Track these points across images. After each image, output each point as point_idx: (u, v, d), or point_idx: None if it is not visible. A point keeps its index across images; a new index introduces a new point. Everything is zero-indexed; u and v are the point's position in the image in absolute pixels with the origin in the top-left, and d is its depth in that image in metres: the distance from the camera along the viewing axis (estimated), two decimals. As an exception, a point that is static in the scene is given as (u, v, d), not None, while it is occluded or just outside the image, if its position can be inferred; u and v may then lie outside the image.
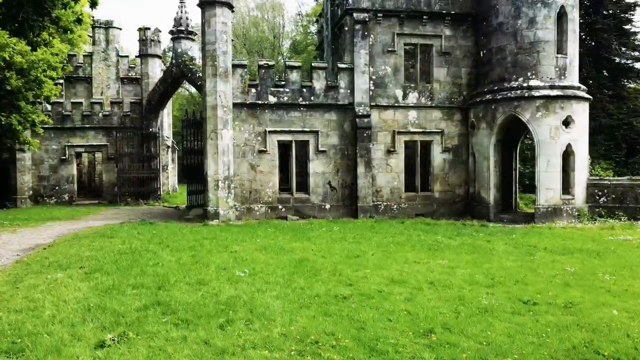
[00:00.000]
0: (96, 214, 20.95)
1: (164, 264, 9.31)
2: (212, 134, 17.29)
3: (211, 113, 17.29)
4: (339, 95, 18.69)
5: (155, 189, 27.11)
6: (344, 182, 18.84)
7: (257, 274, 8.62)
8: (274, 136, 18.33)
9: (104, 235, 13.40)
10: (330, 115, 18.69)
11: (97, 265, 9.17)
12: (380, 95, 19.01)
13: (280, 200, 18.46)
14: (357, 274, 8.78)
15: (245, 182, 18.19)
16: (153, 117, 27.24)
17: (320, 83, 18.56)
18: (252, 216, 18.03)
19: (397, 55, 19.08)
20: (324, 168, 18.69)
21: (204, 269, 9.00)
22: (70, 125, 26.62)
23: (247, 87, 18.08)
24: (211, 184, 17.25)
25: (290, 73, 18.39)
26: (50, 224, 17.04)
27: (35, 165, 26.39)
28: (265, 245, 11.55)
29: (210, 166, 17.28)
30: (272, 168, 18.37)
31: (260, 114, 18.24)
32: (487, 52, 18.29)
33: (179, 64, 24.86)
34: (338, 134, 18.77)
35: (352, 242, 12.40)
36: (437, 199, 19.46)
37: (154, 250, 10.84)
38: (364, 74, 18.62)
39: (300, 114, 18.48)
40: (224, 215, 17.16)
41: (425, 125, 19.33)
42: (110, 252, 10.65)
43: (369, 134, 18.48)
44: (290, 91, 18.36)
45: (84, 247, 11.37)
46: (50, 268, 9.06)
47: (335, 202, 18.77)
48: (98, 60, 31.48)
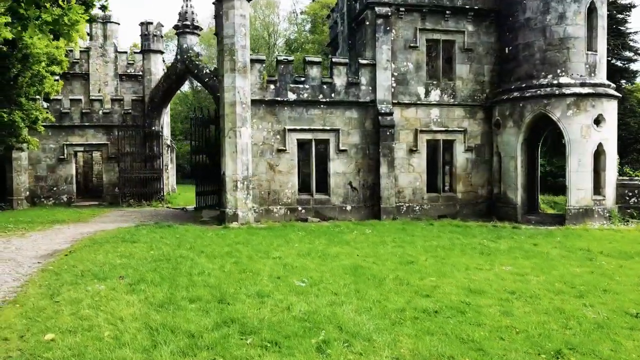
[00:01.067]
0: (102, 216, 19.94)
1: (210, 273, 8.50)
2: (231, 132, 16.45)
3: (229, 110, 16.45)
4: (360, 92, 17.97)
5: (158, 190, 26.11)
6: (365, 183, 18.13)
7: (318, 284, 7.86)
8: (294, 135, 17.54)
9: (124, 239, 12.50)
10: (351, 112, 17.97)
11: (137, 274, 8.32)
12: (402, 92, 18.35)
13: (300, 201, 17.68)
14: (424, 283, 8.07)
15: (264, 182, 17.38)
16: (156, 115, 26.22)
17: (340, 79, 17.83)
18: (271, 218, 17.23)
19: (419, 51, 18.44)
20: (345, 168, 17.96)
21: (256, 278, 8.21)
22: (68, 123, 25.49)
23: (266, 83, 17.27)
24: (229, 185, 16.41)
25: (310, 69, 17.62)
26: (58, 227, 16.05)
27: (32, 165, 25.22)
28: (306, 251, 10.78)
29: (229, 166, 16.44)
30: (292, 168, 17.58)
31: (279, 111, 17.44)
32: (513, 49, 17.73)
33: (184, 59, 23.92)
34: (359, 132, 18.05)
35: (394, 246, 11.69)
36: (459, 199, 18.86)
37: (190, 257, 10.00)
38: (386, 70, 17.93)
39: (320, 111, 17.73)
40: (242, 218, 16.33)
41: (448, 124, 18.72)
42: (143, 259, 9.79)
43: (391, 133, 17.79)
44: (310, 87, 17.60)
45: (111, 253, 10.48)
46: (85, 278, 8.19)
47: (357, 203, 18.06)
48: (95, 56, 30.36)
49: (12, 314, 6.42)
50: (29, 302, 6.94)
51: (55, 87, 20.16)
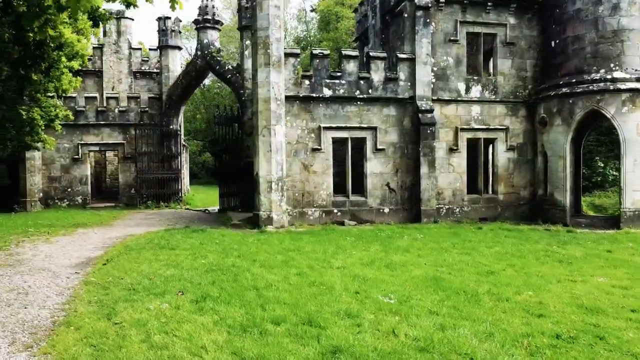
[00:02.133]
0: (123, 218, 18.98)
1: (278, 287, 7.54)
2: (265, 130, 15.49)
3: (263, 107, 15.49)
4: (399, 88, 17.02)
5: (176, 191, 25.17)
6: (403, 184, 17.17)
7: (407, 300, 6.91)
8: (329, 133, 16.59)
9: (160, 245, 11.55)
10: (389, 109, 17.02)
11: (198, 289, 7.37)
12: (442, 88, 17.40)
13: (335, 203, 16.72)
14: (524, 299, 7.12)
15: (298, 183, 16.42)
16: (173, 113, 25.29)
17: (378, 75, 16.87)
18: (305, 221, 16.28)
19: (459, 45, 17.49)
20: (382, 168, 17.00)
21: (332, 293, 7.25)
22: (83, 121, 24.55)
23: (300, 79, 16.31)
24: (263, 186, 15.45)
25: (346, 63, 16.66)
26: (82, 231, 15.09)
27: (45, 165, 24.28)
28: (368, 260, 9.82)
29: (262, 166, 15.49)
30: (327, 168, 16.62)
31: (313, 108, 16.49)
32: (561, 42, 16.77)
33: (205, 55, 22.99)
34: (397, 130, 17.10)
35: (458, 253, 10.73)
36: (501, 201, 17.90)
37: (244, 267, 9.04)
38: (425, 65, 16.98)
39: (357, 108, 16.77)
40: (277, 221, 15.38)
41: (489, 122, 17.77)
42: (194, 269, 8.83)
43: (432, 131, 16.84)
44: (347, 83, 16.64)
45: (154, 262, 9.53)
46: (139, 293, 7.24)
47: (394, 205, 17.10)
48: (109, 52, 29.39)
49: (70, 339, 5.46)
50: (85, 323, 5.98)
51: (73, 84, 19.15)
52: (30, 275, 8.84)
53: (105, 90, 28.72)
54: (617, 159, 24.72)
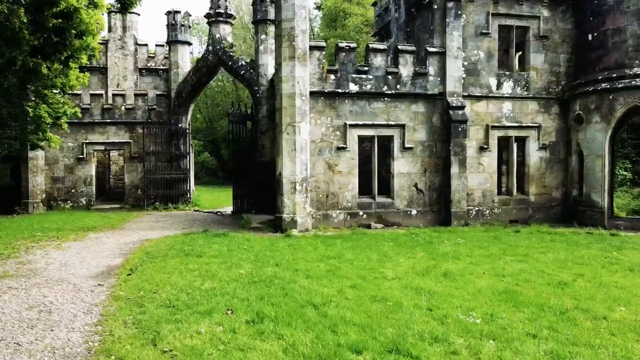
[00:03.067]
0: (133, 221, 17.99)
1: (337, 303, 6.62)
2: (289, 127, 14.56)
3: (288, 103, 14.56)
4: (428, 83, 16.11)
5: (184, 192, 24.20)
6: (432, 184, 16.27)
7: (493, 320, 6.00)
8: (355, 131, 15.67)
9: (185, 252, 10.60)
10: (417, 106, 16.11)
11: (248, 306, 6.43)
12: (473, 84, 16.50)
13: (361, 205, 15.80)
14: (621, 316, 6.23)
15: (322, 184, 15.50)
16: (182, 111, 24.32)
17: (407, 69, 15.96)
18: (330, 224, 15.35)
19: (490, 39, 16.59)
20: (410, 168, 16.09)
21: (402, 311, 6.33)
22: (88, 119, 23.56)
23: (326, 73, 15.38)
24: (287, 187, 14.52)
25: (373, 57, 15.74)
26: (93, 235, 14.11)
27: (48, 165, 23.28)
28: (421, 269, 8.90)
29: (286, 166, 14.55)
30: (352, 168, 15.70)
31: (339, 104, 15.56)
32: (600, 35, 15.90)
33: (217, 50, 22.02)
34: (425, 128, 16.19)
35: (513, 260, 9.82)
36: (532, 202, 17.01)
37: (287, 277, 8.11)
38: (456, 59, 16.08)
39: (384, 105, 15.86)
40: (301, 224, 14.45)
41: (521, 119, 16.88)
42: (232, 280, 7.90)
43: (464, 129, 15.94)
44: (374, 78, 15.73)
45: (185, 272, 8.58)
46: (181, 311, 6.30)
47: (422, 207, 16.19)
48: (114, 48, 28.34)
49: (114, 374, 4.53)
50: (128, 352, 5.04)
51: (81, 80, 18.15)
52: (48, 289, 7.88)
53: (110, 87, 27.70)
54: (626, 158, 24.26)
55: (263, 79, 20.62)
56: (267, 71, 20.63)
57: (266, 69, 20.65)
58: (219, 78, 49.63)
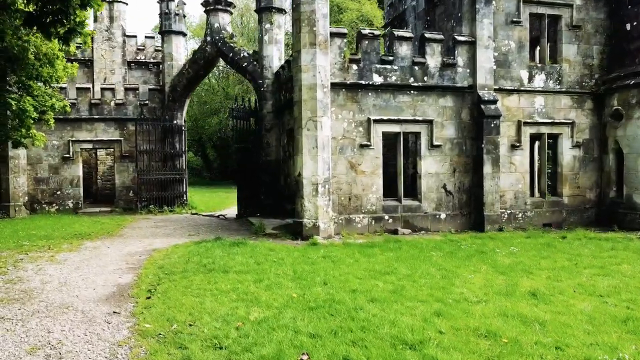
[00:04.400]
0: (129, 227, 16.28)
1: (436, 341, 5.16)
2: (310, 122, 13.06)
3: (308, 95, 13.06)
4: (457, 75, 14.78)
5: (180, 194, 22.49)
6: (461, 185, 14.95)
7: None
8: (379, 126, 14.25)
9: (206, 266, 9.05)
10: (445, 100, 14.77)
11: (322, 347, 4.94)
12: (503, 76, 15.23)
13: (386, 208, 14.38)
14: None
15: (343, 185, 14.04)
16: (177, 106, 22.59)
17: (434, 60, 14.60)
18: (353, 229, 13.90)
19: (521, 28, 15.34)
20: (438, 167, 14.75)
21: (525, 350, 4.92)
22: (75, 115, 21.68)
23: (348, 63, 13.92)
24: (307, 189, 13.03)
25: (398, 46, 14.34)
26: (90, 244, 12.41)
27: (31, 165, 21.35)
28: (499, 287, 7.51)
29: (307, 165, 13.06)
30: (376, 167, 14.28)
31: (362, 97, 14.13)
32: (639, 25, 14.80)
33: (216, 41, 20.39)
34: (454, 124, 14.86)
35: (594, 274, 8.49)
36: (565, 205, 15.82)
37: (348, 301, 6.64)
38: (487, 49, 14.78)
39: (410, 98, 14.48)
40: (324, 230, 12.98)
41: (553, 115, 15.67)
42: (284, 307, 6.39)
43: (497, 125, 14.66)
44: (399, 69, 14.33)
45: (219, 295, 7.04)
46: (237, 356, 4.78)
47: (451, 210, 14.85)
48: (100, 40, 26.45)
49: None
50: None
51: (69, 70, 16.35)
52: (51, 319, 6.27)
53: (97, 82, 25.81)
54: None
55: (268, 72, 19.08)
56: (272, 63, 19.10)
57: (271, 61, 19.12)
58: (210, 75, 47.70)
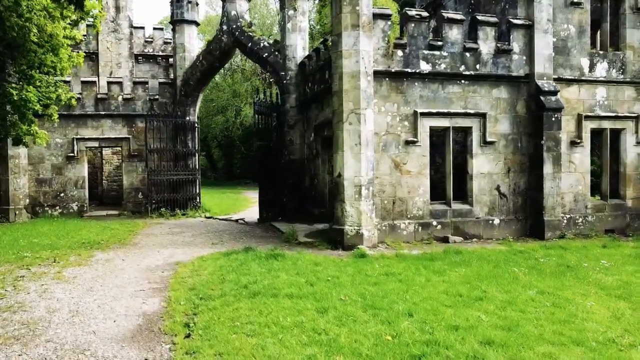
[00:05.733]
0: (144, 233, 14.63)
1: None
2: (352, 115, 11.41)
3: (350, 84, 11.41)
4: (512, 63, 13.13)
5: (193, 195, 20.85)
6: (516, 187, 13.30)
7: None
8: (426, 120, 12.60)
9: (248, 288, 7.41)
10: (499, 91, 13.12)
11: None
12: (562, 64, 13.59)
13: (434, 213, 12.73)
14: None
15: (387, 187, 12.39)
16: (190, 101, 20.96)
17: (487, 45, 12.95)
18: (398, 237, 12.25)
19: (582, 10, 13.69)
20: (491, 167, 13.10)
21: None
22: (80, 111, 20.11)
23: (392, 49, 12.27)
24: (350, 192, 11.38)
25: (448, 30, 12.68)
26: (101, 255, 10.77)
27: (32, 164, 19.73)
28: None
29: (349, 165, 11.41)
30: (423, 167, 12.63)
31: (407, 87, 12.47)
32: None
33: (233, 30, 18.76)
34: (509, 118, 13.21)
35: None
36: (629, 208, 14.17)
37: (457, 345, 5.01)
38: (546, 34, 13.13)
39: (461, 89, 12.83)
40: (368, 239, 11.34)
41: (616, 108, 14.03)
42: (382, 355, 4.75)
43: (558, 119, 13.01)
44: (449, 55, 12.68)
45: (279, 331, 5.41)
46: None
47: (505, 214, 13.20)
48: (106, 31, 24.82)
49: None
50: None
51: (74, 59, 14.71)
52: (65, 372, 4.63)
53: (102, 76, 24.21)
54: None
55: (291, 63, 17.46)
56: (296, 53, 17.48)
57: (294, 51, 17.49)
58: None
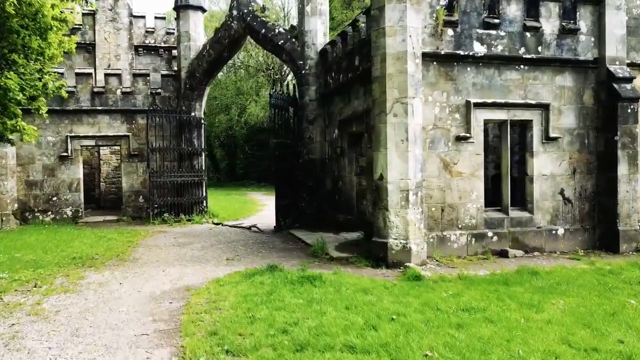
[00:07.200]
0: (145, 244, 12.66)
1: None
2: (397, 105, 9.44)
3: (395, 67, 9.44)
4: (578, 45, 11.16)
5: (199, 199, 18.89)
6: (582, 191, 11.32)
7: None
8: (480, 113, 10.63)
9: (287, 333, 5.47)
10: (563, 78, 11.14)
11: None
12: (634, 47, 11.62)
13: (489, 222, 10.75)
14: None
15: (435, 191, 10.41)
16: (196, 95, 19.00)
17: (551, 24, 10.98)
18: (448, 250, 10.29)
19: (657, -17, 11.75)
20: (554, 167, 11.12)
21: None
22: (74, 106, 18.16)
23: (442, 27, 10.30)
24: (394, 198, 9.41)
25: (506, 5, 10.71)
26: (94, 277, 8.80)
27: (22, 165, 17.76)
28: None
29: (393, 165, 9.44)
30: (476, 168, 10.66)
31: (458, 73, 10.51)
32: None
33: (244, 16, 16.80)
34: (574, 109, 11.24)
35: None
36: None
37: None
38: (618, 11, 11.15)
39: (520, 75, 10.85)
40: (417, 254, 9.36)
41: (694, 98, 12.07)
42: None
43: (635, 110, 11.04)
44: (507, 35, 10.71)
45: None
46: None
47: (571, 223, 11.21)
48: (104, 21, 22.89)
49: None
50: None
51: (66, 45, 12.68)
52: None
53: (99, 69, 22.27)
54: None
55: (310, 50, 15.50)
56: (316, 40, 15.52)
57: (314, 37, 15.53)
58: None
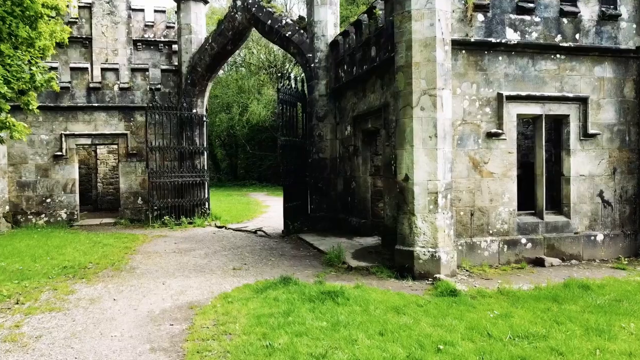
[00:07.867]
0: (144, 251, 11.66)
1: None
2: (425, 98, 8.45)
3: (422, 55, 8.44)
4: (619, 32, 10.17)
5: (201, 201, 17.87)
6: (623, 193, 10.33)
7: None
8: (513, 107, 9.64)
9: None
10: (602, 69, 10.15)
11: None
12: (678, 35, 10.65)
13: (522, 228, 9.75)
14: None
15: (463, 193, 9.42)
16: (198, 91, 18.00)
17: (589, 9, 9.99)
18: (478, 259, 9.30)
19: (702, -34, 10.75)
20: (592, 167, 10.13)
21: None
22: (69, 103, 17.16)
23: (472, 11, 9.30)
24: (421, 201, 8.42)
25: (541, -12, 9.75)
26: (84, 291, 7.81)
27: (13, 165, 16.76)
28: None
29: (420, 164, 8.45)
30: (509, 167, 9.67)
31: (489, 63, 9.51)
32: None
33: (248, 6, 15.81)
34: (615, 103, 10.25)
35: None
36: None
37: None
38: (663, -5, 10.21)
39: (556, 65, 9.86)
40: (446, 264, 8.37)
41: None
42: None
43: (682, 104, 10.08)
44: (542, 22, 9.71)
45: None
46: None
47: (610, 228, 10.22)
48: (101, 14, 21.87)
49: None
50: None
51: (58, 35, 11.65)
52: None
53: (96, 64, 21.23)
54: None
55: (320, 42, 14.52)
56: (326, 31, 14.54)
57: (324, 28, 14.56)
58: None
